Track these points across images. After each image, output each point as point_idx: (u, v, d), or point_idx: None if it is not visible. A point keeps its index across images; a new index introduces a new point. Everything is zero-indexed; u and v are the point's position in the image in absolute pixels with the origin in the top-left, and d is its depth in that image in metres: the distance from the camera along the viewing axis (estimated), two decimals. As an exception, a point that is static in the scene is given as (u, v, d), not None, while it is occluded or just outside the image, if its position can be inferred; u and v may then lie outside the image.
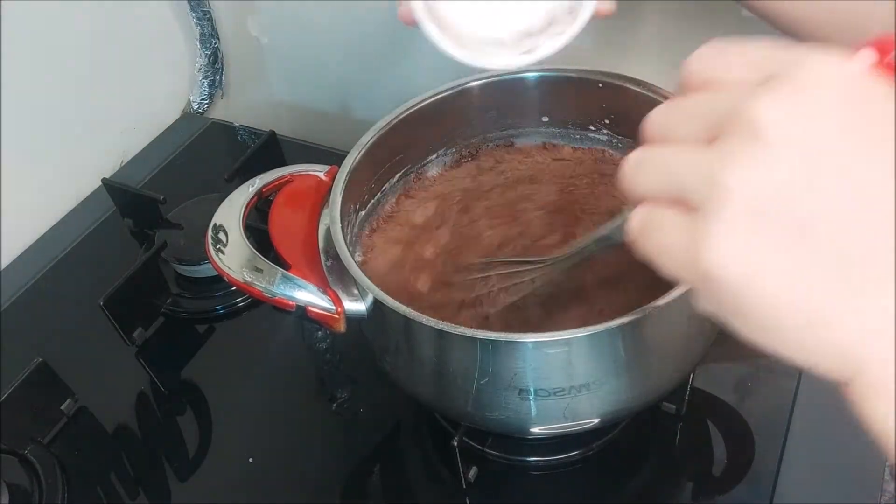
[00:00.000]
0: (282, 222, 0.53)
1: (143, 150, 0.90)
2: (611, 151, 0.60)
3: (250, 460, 0.59)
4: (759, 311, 0.26)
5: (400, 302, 0.44)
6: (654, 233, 0.28)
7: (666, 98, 0.52)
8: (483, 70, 0.47)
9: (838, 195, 0.24)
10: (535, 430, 0.48)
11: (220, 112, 0.97)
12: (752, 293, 0.25)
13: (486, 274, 0.53)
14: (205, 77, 0.93)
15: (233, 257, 0.50)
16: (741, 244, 0.25)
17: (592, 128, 0.60)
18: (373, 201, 0.59)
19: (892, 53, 0.27)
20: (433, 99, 0.57)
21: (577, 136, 0.61)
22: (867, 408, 0.26)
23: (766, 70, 0.26)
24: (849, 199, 0.24)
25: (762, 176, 0.24)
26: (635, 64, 0.71)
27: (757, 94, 0.25)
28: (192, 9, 0.88)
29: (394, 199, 0.61)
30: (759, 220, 0.24)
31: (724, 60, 0.28)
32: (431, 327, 0.43)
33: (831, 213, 0.24)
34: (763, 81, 0.25)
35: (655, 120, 0.29)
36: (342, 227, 0.50)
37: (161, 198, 0.74)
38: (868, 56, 0.26)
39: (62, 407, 0.62)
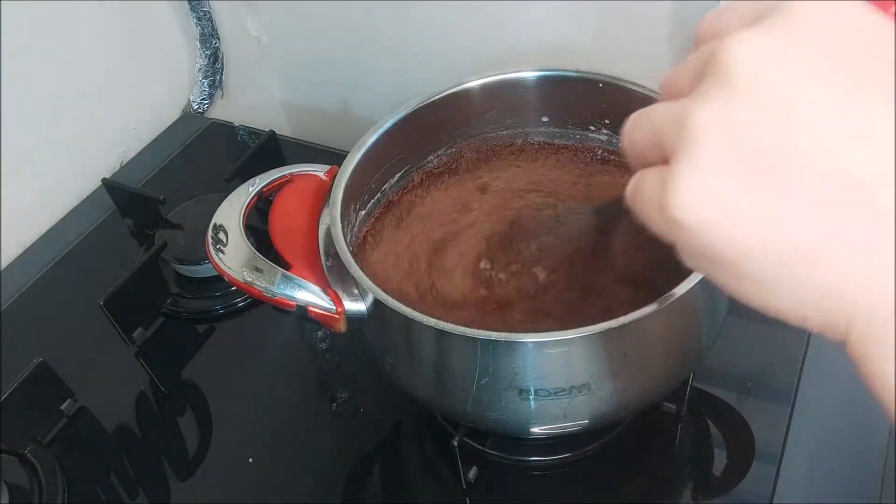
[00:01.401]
0: (282, 222, 0.53)
1: (143, 150, 0.90)
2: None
3: (250, 460, 0.59)
4: (731, 256, 0.24)
5: (400, 302, 0.44)
6: (638, 192, 0.27)
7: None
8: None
9: (812, 130, 0.23)
10: (535, 430, 0.48)
11: (220, 112, 0.97)
12: (720, 237, 0.24)
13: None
14: (205, 77, 0.93)
15: (233, 257, 0.50)
16: (705, 186, 0.24)
17: (592, 128, 0.60)
18: (373, 201, 0.59)
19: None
20: (433, 99, 0.57)
21: (577, 136, 0.61)
22: (869, 363, 0.23)
23: (761, 15, 0.25)
24: (824, 134, 0.23)
25: (728, 114, 0.23)
26: (635, 64, 0.71)
27: (733, 35, 0.24)
28: (192, 9, 0.88)
29: (394, 199, 0.61)
30: (725, 160, 0.23)
31: (728, 13, 0.27)
32: (431, 327, 0.43)
33: (805, 149, 0.23)
34: (751, 24, 0.25)
35: (663, 81, 0.29)
36: (342, 227, 0.50)
37: (161, 198, 0.74)
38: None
39: (62, 407, 0.62)
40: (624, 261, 0.50)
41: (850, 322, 0.23)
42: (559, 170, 0.61)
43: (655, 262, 0.42)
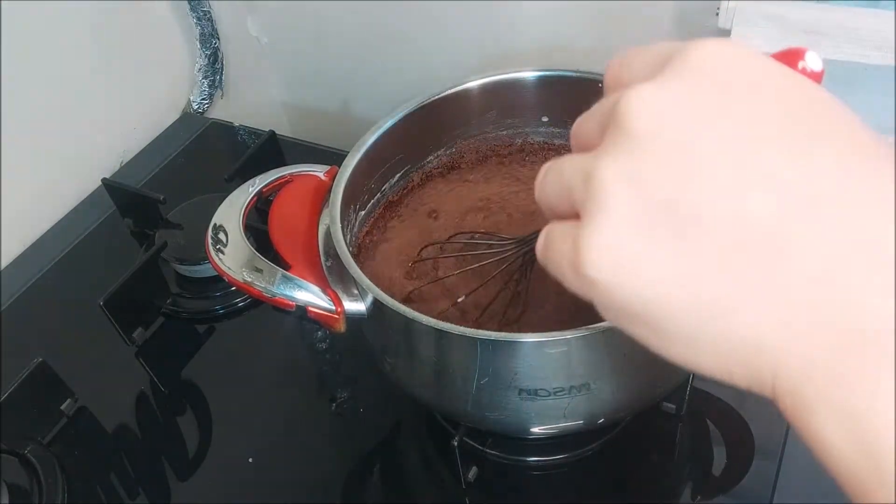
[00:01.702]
0: (282, 222, 0.53)
1: (143, 150, 0.90)
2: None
3: (250, 460, 0.59)
4: (647, 313, 0.24)
5: (400, 302, 0.44)
6: (549, 248, 0.26)
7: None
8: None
9: (714, 179, 0.22)
10: (535, 430, 0.48)
11: (220, 112, 0.97)
12: (633, 294, 0.23)
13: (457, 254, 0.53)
14: (205, 77, 0.93)
15: (233, 257, 0.50)
16: (614, 243, 0.23)
17: (592, 128, 0.60)
18: (373, 201, 0.59)
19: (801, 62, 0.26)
20: (433, 99, 0.57)
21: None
22: (799, 419, 0.22)
23: (661, 64, 0.24)
24: (726, 183, 0.22)
25: (632, 169, 0.23)
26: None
27: (632, 87, 0.24)
28: (192, 9, 0.88)
29: (394, 199, 0.61)
30: (633, 216, 0.23)
31: (630, 63, 0.27)
32: (431, 327, 0.43)
33: (708, 199, 0.22)
34: (651, 74, 0.24)
35: (573, 129, 0.28)
36: (342, 227, 0.50)
37: (161, 198, 0.74)
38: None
39: (62, 407, 0.62)
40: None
41: (775, 375, 0.22)
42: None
43: None
